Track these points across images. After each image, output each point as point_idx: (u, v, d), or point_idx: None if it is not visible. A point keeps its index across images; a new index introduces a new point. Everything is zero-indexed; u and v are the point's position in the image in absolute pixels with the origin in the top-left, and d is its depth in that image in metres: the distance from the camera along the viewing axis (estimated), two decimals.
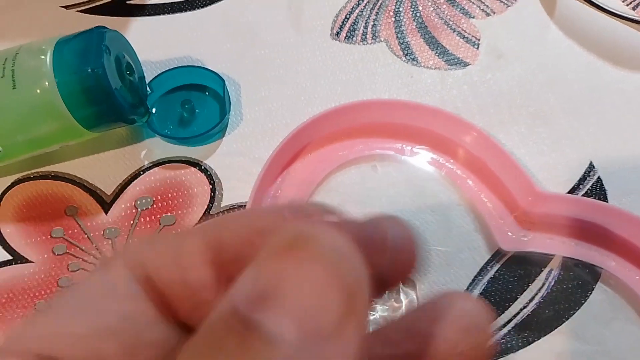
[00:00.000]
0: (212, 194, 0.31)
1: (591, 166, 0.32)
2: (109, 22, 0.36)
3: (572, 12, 0.36)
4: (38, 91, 0.27)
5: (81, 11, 0.36)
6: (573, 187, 0.31)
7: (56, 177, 0.32)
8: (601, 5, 0.34)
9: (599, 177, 0.31)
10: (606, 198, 0.31)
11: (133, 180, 0.32)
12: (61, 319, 0.12)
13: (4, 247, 0.31)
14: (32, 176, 0.32)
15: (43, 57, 0.27)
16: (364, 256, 0.10)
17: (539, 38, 0.36)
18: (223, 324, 0.09)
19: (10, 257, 0.30)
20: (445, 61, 0.35)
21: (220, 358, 0.09)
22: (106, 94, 0.27)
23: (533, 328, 0.29)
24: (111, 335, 0.12)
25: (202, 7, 0.36)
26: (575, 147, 0.32)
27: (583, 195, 0.31)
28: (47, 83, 0.27)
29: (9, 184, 0.32)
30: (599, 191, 0.31)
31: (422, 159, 0.32)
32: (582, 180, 0.31)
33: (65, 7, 0.36)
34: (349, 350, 0.09)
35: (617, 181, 0.31)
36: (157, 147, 0.32)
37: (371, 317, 0.29)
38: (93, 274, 0.13)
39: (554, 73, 0.34)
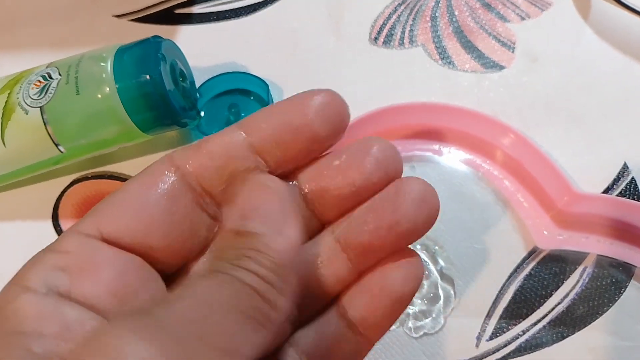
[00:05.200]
0: None
1: (625, 167, 0.33)
2: (159, 30, 0.38)
3: (607, 15, 0.37)
4: (99, 96, 0.29)
5: (133, 20, 0.38)
6: (607, 187, 0.32)
7: (112, 176, 0.34)
8: (635, 8, 0.35)
9: (632, 178, 0.32)
10: None
11: None
12: (117, 211, 0.17)
13: None
14: (89, 176, 0.34)
15: (104, 64, 0.29)
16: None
17: (573, 41, 0.36)
18: (225, 236, 0.16)
19: None
20: (481, 64, 0.36)
21: (229, 252, 0.15)
22: (162, 99, 0.29)
23: (567, 323, 0.30)
24: (155, 226, 0.17)
25: (246, 15, 0.38)
26: (610, 148, 0.33)
27: (617, 195, 0.32)
28: (108, 89, 0.29)
29: (68, 183, 0.34)
30: (632, 191, 0.32)
31: (459, 159, 0.33)
32: (617, 180, 0.32)
33: (118, 16, 0.38)
34: (294, 234, 0.16)
35: None
36: None
37: (410, 312, 0.30)
38: (142, 174, 0.17)
39: (589, 75, 0.35)
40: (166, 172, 0.17)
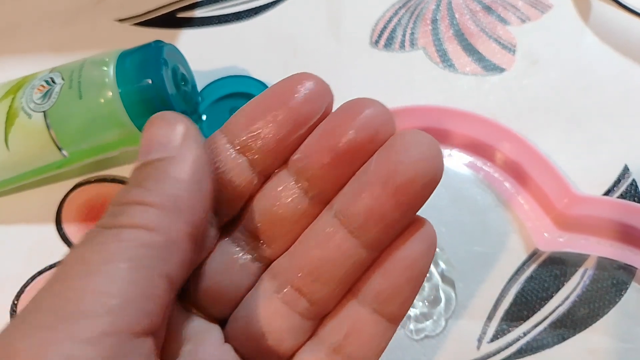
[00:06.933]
0: None
1: (626, 169, 0.33)
2: (161, 34, 0.38)
3: (607, 18, 0.37)
4: (102, 101, 0.29)
5: (135, 24, 0.38)
6: (608, 189, 0.32)
7: (114, 180, 0.34)
8: (636, 10, 0.35)
9: (633, 180, 0.32)
10: None
11: None
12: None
13: (68, 246, 0.33)
14: (92, 180, 0.34)
15: (106, 69, 0.30)
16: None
17: (574, 43, 0.37)
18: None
19: None
20: (482, 67, 0.36)
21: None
22: (165, 104, 0.29)
23: (568, 325, 0.30)
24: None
25: (247, 18, 0.38)
26: (610, 151, 0.33)
27: (618, 197, 0.32)
28: (110, 93, 0.29)
29: (71, 186, 0.34)
30: (633, 193, 0.32)
31: (460, 162, 0.33)
32: (617, 182, 0.32)
33: (120, 20, 0.39)
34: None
35: None
36: None
37: (411, 314, 0.30)
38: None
39: (589, 77, 0.35)
40: None
